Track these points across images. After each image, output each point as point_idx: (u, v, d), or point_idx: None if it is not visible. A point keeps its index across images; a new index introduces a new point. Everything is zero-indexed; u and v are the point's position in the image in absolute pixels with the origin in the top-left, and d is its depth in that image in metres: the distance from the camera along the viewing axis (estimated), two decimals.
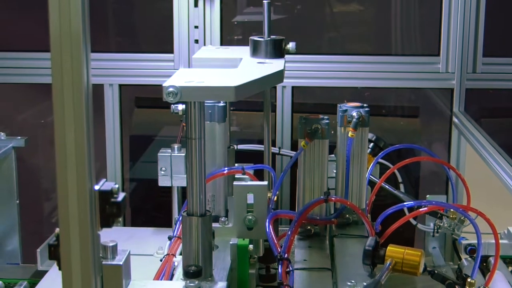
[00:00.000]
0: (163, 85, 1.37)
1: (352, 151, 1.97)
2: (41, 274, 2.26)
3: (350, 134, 1.95)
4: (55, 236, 1.28)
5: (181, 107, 2.02)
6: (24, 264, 2.64)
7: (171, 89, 1.37)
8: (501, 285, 2.22)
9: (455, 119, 2.78)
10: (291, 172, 2.50)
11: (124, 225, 2.87)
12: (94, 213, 1.23)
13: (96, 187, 1.25)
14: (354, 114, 1.97)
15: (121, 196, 1.30)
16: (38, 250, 2.43)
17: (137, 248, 2.14)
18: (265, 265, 2.23)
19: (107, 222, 1.29)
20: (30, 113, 3.38)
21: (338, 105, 2.03)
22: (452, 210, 2.04)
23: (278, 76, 1.72)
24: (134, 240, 2.36)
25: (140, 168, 3.02)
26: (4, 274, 2.50)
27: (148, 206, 3.01)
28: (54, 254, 1.31)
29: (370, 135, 2.24)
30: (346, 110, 1.99)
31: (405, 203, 1.85)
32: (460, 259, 2.50)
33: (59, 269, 1.26)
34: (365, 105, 2.01)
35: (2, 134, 2.64)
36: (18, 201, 2.63)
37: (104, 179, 1.30)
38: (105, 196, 1.27)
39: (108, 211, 1.28)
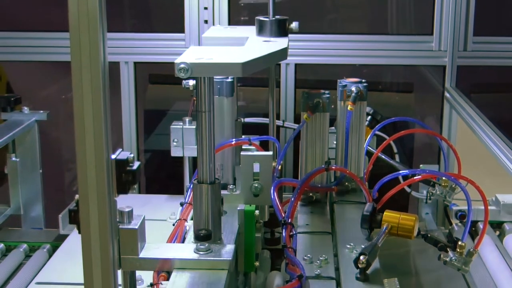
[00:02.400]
0: (175, 61, 1.36)
1: (351, 124, 1.96)
2: (62, 238, 2.26)
3: (349, 107, 1.94)
4: (75, 202, 1.28)
5: (191, 82, 2.01)
6: (47, 228, 2.65)
7: (182, 66, 1.36)
8: (489, 248, 2.22)
9: (447, 94, 2.77)
10: (294, 143, 2.49)
11: (139, 192, 2.88)
12: (111, 180, 1.23)
13: (113, 156, 1.24)
14: (353, 88, 1.95)
15: (136, 164, 1.30)
16: (60, 216, 2.44)
17: (152, 214, 2.14)
18: (270, 229, 2.24)
19: (123, 188, 1.28)
20: (52, 89, 3.38)
21: (338, 80, 2.01)
22: (444, 178, 2.03)
23: (282, 53, 1.71)
24: (148, 207, 2.36)
25: (154, 140, 3.02)
26: (29, 237, 2.51)
27: (161, 175, 3.01)
28: (74, 218, 1.31)
29: (368, 109, 2.23)
30: (345, 85, 1.98)
31: (400, 172, 1.84)
32: (451, 224, 2.50)
33: (79, 232, 1.26)
34: (363, 80, 2.00)
35: (26, 108, 2.64)
36: (41, 171, 2.63)
37: (120, 149, 1.30)
38: (121, 164, 1.27)
39: (124, 179, 1.28)
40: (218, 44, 1.92)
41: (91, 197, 1.21)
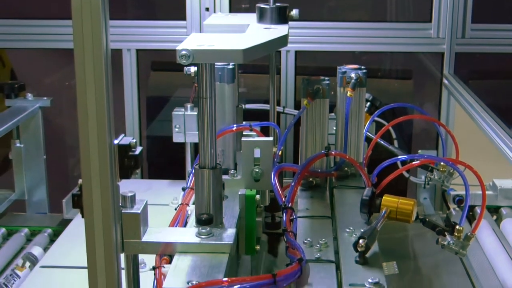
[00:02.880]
0: (177, 48, 1.36)
1: (350, 110, 1.96)
2: (66, 222, 2.27)
3: (348, 93, 1.93)
4: (78, 187, 1.28)
5: (193, 69, 2.01)
6: (51, 213, 2.65)
7: (184, 52, 1.36)
8: (487, 232, 2.22)
9: (445, 81, 2.76)
10: (295, 129, 2.48)
11: (142, 178, 2.88)
12: (114, 165, 1.23)
13: (115, 142, 1.24)
14: (353, 75, 1.95)
15: (138, 149, 1.30)
16: (64, 200, 2.44)
17: (154, 198, 2.14)
18: (270, 213, 2.24)
19: (125, 173, 1.29)
20: (55, 76, 3.38)
21: (337, 67, 2.01)
22: (442, 163, 2.03)
23: (283, 40, 1.71)
24: (151, 192, 2.36)
25: (156, 126, 3.02)
26: (33, 222, 2.52)
27: (163, 160, 3.01)
28: (77, 203, 1.31)
29: (367, 95, 2.22)
30: (345, 72, 1.97)
31: (399, 157, 1.84)
32: (448, 208, 2.50)
33: (82, 217, 1.26)
34: (362, 67, 1.99)
35: (30, 95, 2.64)
36: (45, 157, 2.64)
37: (123, 134, 1.30)
38: (124, 149, 1.27)
39: (126, 164, 1.28)
40: (219, 31, 1.92)
41: (94, 182, 1.21)
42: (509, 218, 2.36)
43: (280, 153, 1.99)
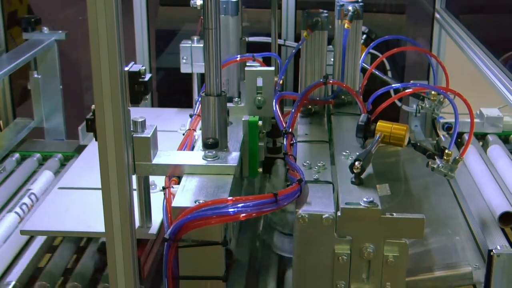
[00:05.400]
0: None
1: (347, 41, 1.92)
2: (82, 148, 2.26)
3: (346, 26, 1.89)
4: (92, 112, 1.26)
5: (199, 2, 1.97)
6: (68, 140, 2.65)
7: None
8: (474, 157, 2.22)
9: (437, 15, 2.71)
10: (295, 61, 2.45)
11: (152, 106, 2.87)
12: (125, 90, 1.21)
13: (126, 69, 1.22)
14: (350, 8, 1.91)
15: (147, 76, 1.27)
16: (80, 127, 2.44)
17: (163, 125, 2.12)
18: (272, 139, 2.23)
19: (135, 99, 1.27)
20: (69, 11, 3.32)
21: (336, 0, 1.96)
22: (433, 92, 2.01)
23: None
24: (160, 119, 2.35)
25: (165, 58, 2.99)
26: (51, 148, 2.52)
27: (172, 90, 2.99)
28: (91, 127, 1.30)
29: (363, 28, 2.18)
30: (343, 5, 1.93)
31: (392, 85, 1.81)
32: (438, 135, 2.49)
33: (96, 140, 1.25)
34: (359, 0, 1.95)
35: (45, 28, 2.61)
36: (61, 87, 2.62)
37: (133, 62, 1.27)
38: (134, 76, 1.25)
39: (136, 89, 1.26)
40: None
41: (106, 106, 1.19)
42: (494, 144, 2.34)
43: (281, 82, 1.97)
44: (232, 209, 1.29)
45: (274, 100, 1.79)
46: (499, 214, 1.82)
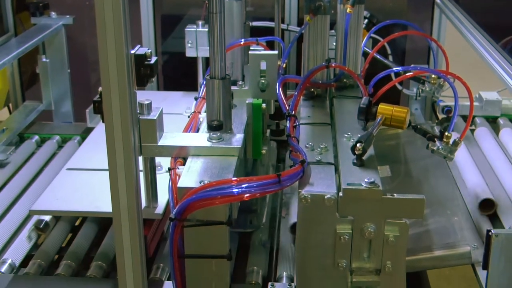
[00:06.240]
0: None
1: (349, 25, 1.91)
2: (89, 130, 2.26)
3: (348, 10, 1.88)
4: (99, 94, 1.26)
5: None
6: (76, 122, 2.65)
7: None
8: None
9: (437, 0, 2.69)
10: (297, 44, 2.44)
11: (158, 90, 2.86)
12: (131, 73, 1.20)
13: (132, 51, 1.21)
14: None
15: (153, 59, 1.27)
16: (87, 110, 2.44)
17: (169, 108, 2.12)
18: (275, 121, 2.22)
19: (142, 81, 1.26)
20: None
21: None
22: (433, 76, 2.00)
23: None
24: (166, 102, 2.35)
25: (170, 43, 2.97)
26: (60, 130, 2.52)
27: (177, 74, 2.98)
28: (98, 109, 1.29)
29: (365, 12, 2.17)
30: None
31: (393, 68, 1.80)
32: (437, 118, 2.48)
33: (103, 121, 1.24)
34: None
35: (53, 13, 2.60)
36: (69, 71, 2.61)
37: (139, 45, 1.27)
38: (140, 58, 1.24)
39: (142, 72, 1.25)
40: None
41: (113, 89, 1.19)
42: (481, 127, 2.32)
43: (284, 65, 1.96)
44: (236, 190, 1.29)
45: (277, 83, 1.78)
46: (479, 201, 1.80)
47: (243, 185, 1.29)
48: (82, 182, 1.79)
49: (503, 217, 1.75)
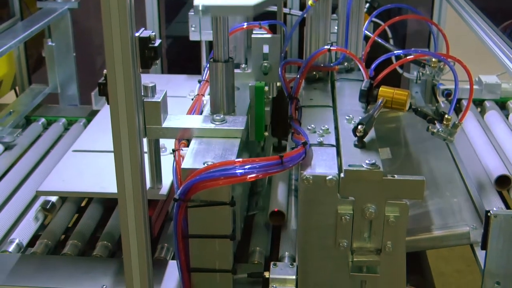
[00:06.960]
0: None
1: (351, 9, 1.89)
2: (95, 113, 2.26)
3: None
4: (104, 76, 1.25)
5: None
6: (82, 105, 2.64)
7: None
8: (471, 121, 2.20)
9: None
10: (300, 28, 2.42)
11: (162, 73, 2.85)
12: (135, 55, 1.19)
13: (136, 34, 1.21)
14: None
15: (157, 42, 1.26)
16: (93, 93, 2.43)
17: (173, 91, 2.10)
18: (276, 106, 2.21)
19: (146, 64, 1.26)
20: None
21: None
22: (434, 59, 1.98)
23: None
24: (170, 85, 2.34)
25: (174, 27, 2.96)
26: (66, 113, 2.52)
27: (181, 57, 2.97)
28: (103, 91, 1.29)
29: None
30: None
31: (394, 52, 1.78)
32: (437, 101, 2.47)
33: (108, 103, 1.24)
34: None
35: None
36: (75, 54, 2.61)
37: (143, 28, 1.26)
38: (144, 41, 1.24)
39: (147, 55, 1.25)
40: None
41: (118, 71, 1.18)
42: (492, 110, 2.33)
43: (286, 49, 1.94)
44: (239, 171, 1.28)
45: (280, 66, 1.77)
46: (495, 177, 1.82)
47: (246, 166, 1.29)
48: (88, 163, 1.79)
49: None
